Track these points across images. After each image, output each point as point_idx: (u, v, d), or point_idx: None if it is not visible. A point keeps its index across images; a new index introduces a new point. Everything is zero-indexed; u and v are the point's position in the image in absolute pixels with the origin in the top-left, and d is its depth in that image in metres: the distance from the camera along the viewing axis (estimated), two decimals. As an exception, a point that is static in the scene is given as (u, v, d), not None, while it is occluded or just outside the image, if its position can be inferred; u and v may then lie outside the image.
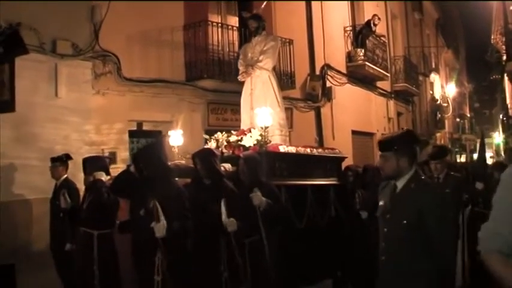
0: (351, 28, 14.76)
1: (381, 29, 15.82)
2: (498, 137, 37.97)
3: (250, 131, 6.30)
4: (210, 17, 10.10)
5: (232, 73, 8.77)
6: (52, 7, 7.45)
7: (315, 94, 12.58)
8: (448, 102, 27.00)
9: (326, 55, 13.09)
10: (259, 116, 6.02)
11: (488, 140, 35.91)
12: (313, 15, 12.92)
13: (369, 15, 15.07)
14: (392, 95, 17.45)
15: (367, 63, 14.34)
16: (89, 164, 5.67)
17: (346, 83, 13.98)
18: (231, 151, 6.23)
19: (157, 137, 8.46)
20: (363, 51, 14.32)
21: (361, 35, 14.50)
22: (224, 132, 6.60)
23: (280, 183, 5.63)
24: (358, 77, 14.66)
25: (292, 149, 6.37)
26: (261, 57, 6.82)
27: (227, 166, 5.59)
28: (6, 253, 6.32)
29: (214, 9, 10.56)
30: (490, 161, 19.85)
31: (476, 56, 32.87)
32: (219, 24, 10.05)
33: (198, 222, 4.50)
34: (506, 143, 29.46)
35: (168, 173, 4.65)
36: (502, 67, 18.90)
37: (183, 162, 6.19)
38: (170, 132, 6.78)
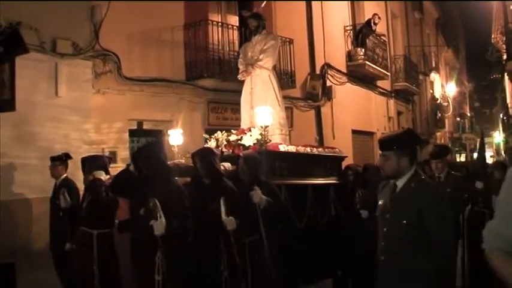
0: (351, 27, 14.74)
1: (381, 28, 15.79)
2: (498, 136, 37.97)
3: (250, 130, 6.29)
4: (210, 16, 10.10)
5: (232, 72, 8.75)
6: (52, 6, 7.44)
7: (315, 93, 12.58)
8: (448, 101, 26.98)
9: (326, 54, 13.09)
10: (259, 115, 6.01)
11: (488, 139, 35.97)
12: (314, 14, 12.92)
13: (369, 14, 15.04)
14: (393, 94, 17.43)
15: (367, 62, 14.32)
16: (88, 163, 5.66)
17: (346, 82, 13.97)
18: (231, 150, 6.22)
19: (157, 136, 8.46)
20: (363, 50, 14.30)
21: (361, 34, 14.48)
22: (224, 132, 6.58)
23: (280, 182, 5.61)
24: (359, 76, 14.64)
25: (292, 148, 6.35)
26: (261, 56, 6.81)
27: (227, 165, 5.58)
28: (6, 252, 6.32)
29: (214, 9, 10.56)
30: (490, 160, 19.83)
31: (477, 55, 32.88)
32: (219, 24, 10.05)
33: (197, 221, 4.50)
34: (506, 142, 29.46)
35: (167, 172, 4.65)
36: (502, 66, 18.91)
37: (182, 161, 6.19)
38: (170, 131, 6.77)
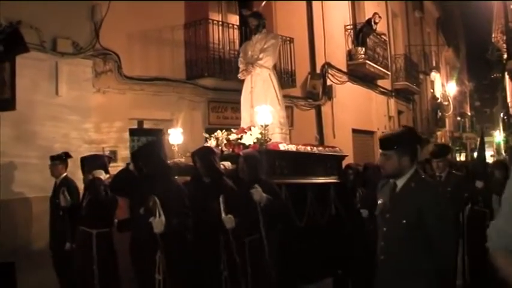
0: (352, 26, 14.73)
1: (381, 28, 15.78)
2: (499, 136, 38.00)
3: (250, 129, 6.28)
4: (211, 16, 10.10)
5: (232, 71, 8.75)
6: (52, 5, 7.44)
7: (315, 92, 12.58)
8: (448, 100, 26.98)
9: (327, 53, 13.08)
10: (260, 114, 5.99)
11: (488, 138, 35.97)
12: (314, 13, 12.91)
13: (370, 13, 15.02)
14: (393, 94, 17.43)
15: (367, 61, 14.31)
16: (88, 162, 5.65)
17: (346, 81, 13.97)
18: (231, 149, 6.21)
19: (157, 135, 8.45)
20: (364, 49, 14.29)
21: (361, 33, 14.46)
22: (224, 131, 6.58)
23: (280, 181, 5.59)
24: (359, 75, 14.63)
25: (292, 147, 6.34)
26: (261, 55, 6.79)
27: (227, 164, 5.57)
28: (6, 251, 6.31)
29: (214, 8, 10.56)
30: (490, 159, 19.84)
31: (477, 54, 32.84)
32: (220, 23, 10.05)
33: (197, 220, 4.50)
34: (506, 142, 29.48)
35: (167, 170, 4.65)
36: (502, 65, 18.90)
37: (182, 160, 6.19)
38: (170, 130, 6.76)
